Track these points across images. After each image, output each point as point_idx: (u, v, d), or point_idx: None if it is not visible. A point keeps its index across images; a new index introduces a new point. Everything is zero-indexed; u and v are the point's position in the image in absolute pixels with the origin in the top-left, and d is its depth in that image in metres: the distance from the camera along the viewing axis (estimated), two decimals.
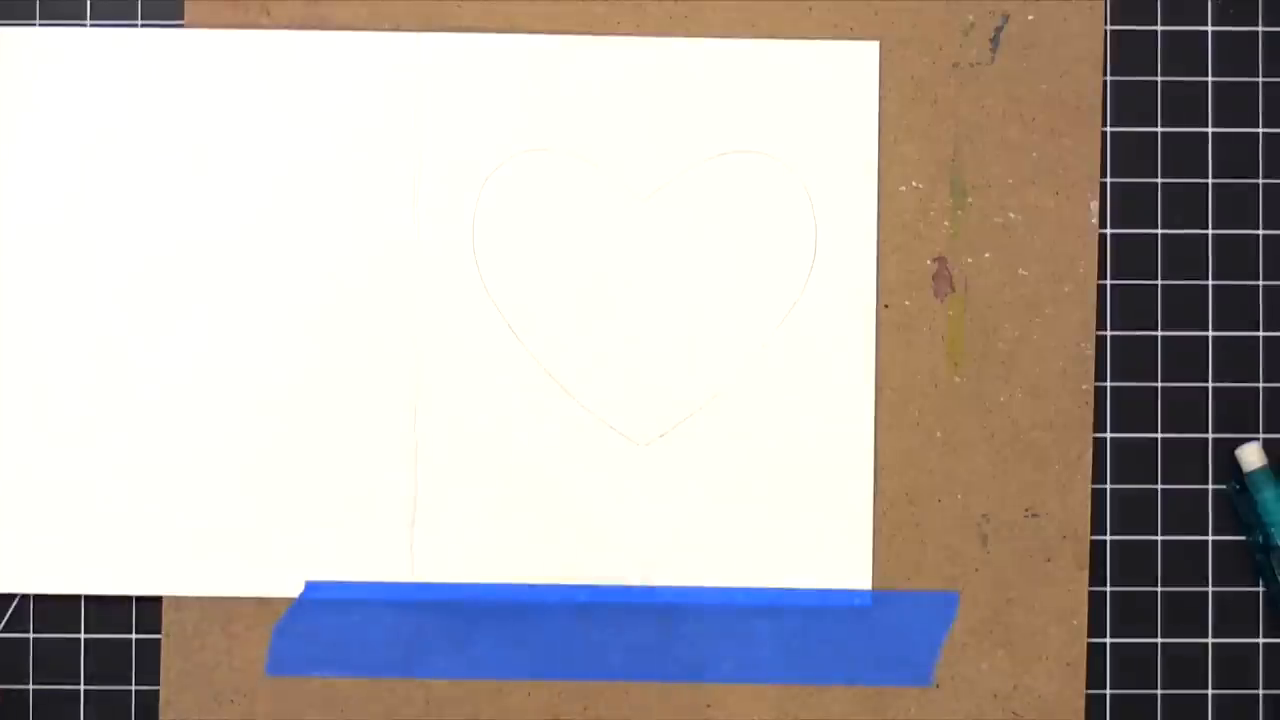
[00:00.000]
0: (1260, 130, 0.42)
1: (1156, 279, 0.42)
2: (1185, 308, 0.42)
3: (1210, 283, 0.42)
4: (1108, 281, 0.42)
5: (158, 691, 0.41)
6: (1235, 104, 0.42)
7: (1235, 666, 0.42)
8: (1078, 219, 0.41)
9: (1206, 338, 0.42)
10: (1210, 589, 0.42)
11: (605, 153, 0.41)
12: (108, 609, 0.41)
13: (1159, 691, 0.42)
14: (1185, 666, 0.42)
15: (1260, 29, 0.42)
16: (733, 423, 0.41)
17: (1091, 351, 0.41)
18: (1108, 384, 0.42)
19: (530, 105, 0.41)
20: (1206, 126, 0.42)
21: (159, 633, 0.41)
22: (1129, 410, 0.42)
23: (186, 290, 0.41)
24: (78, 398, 0.41)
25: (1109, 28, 0.42)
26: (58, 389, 0.41)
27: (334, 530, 0.41)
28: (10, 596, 0.41)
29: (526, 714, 0.41)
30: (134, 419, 0.41)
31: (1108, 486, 0.42)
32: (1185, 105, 0.42)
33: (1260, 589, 0.42)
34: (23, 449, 0.41)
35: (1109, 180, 0.42)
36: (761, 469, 0.41)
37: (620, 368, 0.41)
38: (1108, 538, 0.42)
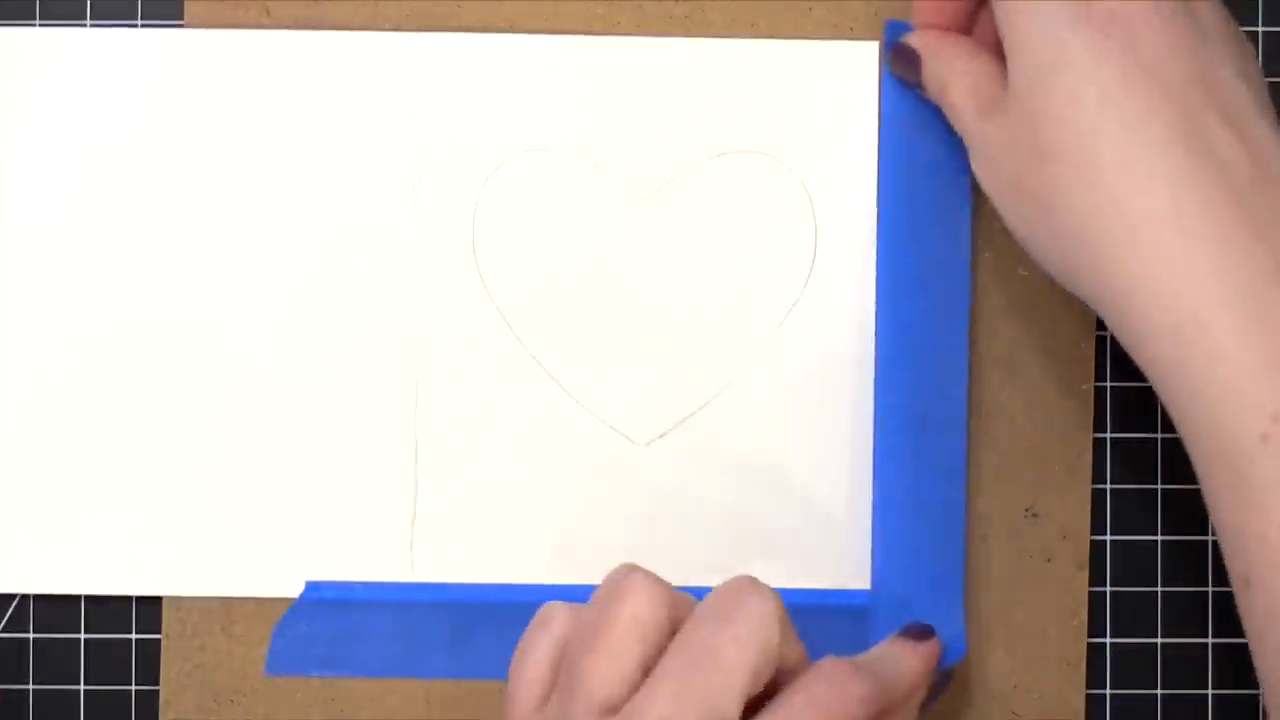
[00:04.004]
0: None
1: None
2: None
3: None
4: None
5: (158, 691, 0.41)
6: None
7: (1235, 666, 0.42)
8: None
9: None
10: (1210, 589, 0.42)
11: (605, 153, 0.41)
12: (108, 609, 0.41)
13: (1159, 691, 0.42)
14: (1185, 666, 0.42)
15: (1260, 29, 0.42)
16: (733, 423, 0.41)
17: (1091, 351, 0.41)
18: (1108, 384, 0.42)
19: (530, 105, 0.41)
20: None
21: (159, 633, 0.41)
22: (1129, 410, 0.42)
23: (185, 289, 0.41)
24: (77, 398, 0.41)
25: None
26: (57, 389, 0.41)
27: (334, 530, 0.41)
28: (10, 596, 0.41)
29: None
30: (134, 419, 0.41)
31: (1108, 486, 0.42)
32: None
33: None
34: (23, 449, 0.41)
35: None
36: (762, 469, 0.41)
37: (620, 368, 0.41)
38: (1108, 538, 0.42)
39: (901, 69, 0.39)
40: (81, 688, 0.41)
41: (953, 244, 0.40)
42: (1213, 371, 0.31)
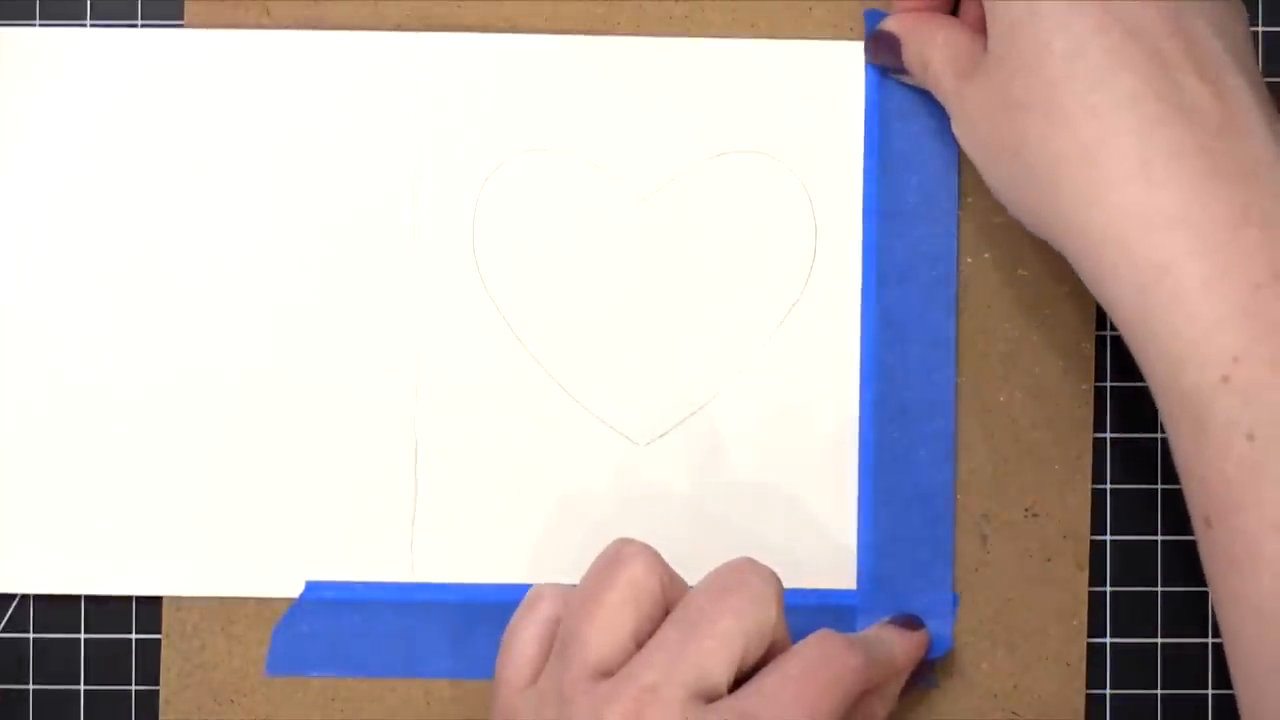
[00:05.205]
0: None
1: None
2: None
3: None
4: None
5: (158, 691, 0.41)
6: None
7: None
8: None
9: None
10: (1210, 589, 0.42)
11: (605, 153, 0.41)
12: (108, 609, 0.41)
13: (1159, 691, 0.42)
14: (1185, 666, 0.42)
15: (1260, 29, 0.42)
16: (733, 423, 0.41)
17: (1091, 351, 0.41)
18: (1108, 384, 0.42)
19: (530, 105, 0.41)
20: None
21: (159, 633, 0.41)
22: (1129, 410, 0.42)
23: (185, 289, 0.41)
24: (77, 398, 0.41)
25: None
26: (57, 389, 0.41)
27: (334, 530, 0.41)
28: (10, 596, 0.41)
29: None
30: (134, 419, 0.41)
31: (1108, 486, 0.42)
32: None
33: None
34: (22, 448, 0.41)
35: None
36: (762, 469, 0.41)
37: (620, 368, 0.41)
38: (1108, 538, 0.42)
39: (882, 55, 0.39)
40: (81, 688, 0.41)
41: (939, 232, 0.41)
42: (1176, 319, 0.31)
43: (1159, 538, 0.42)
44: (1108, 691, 0.42)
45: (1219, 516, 0.31)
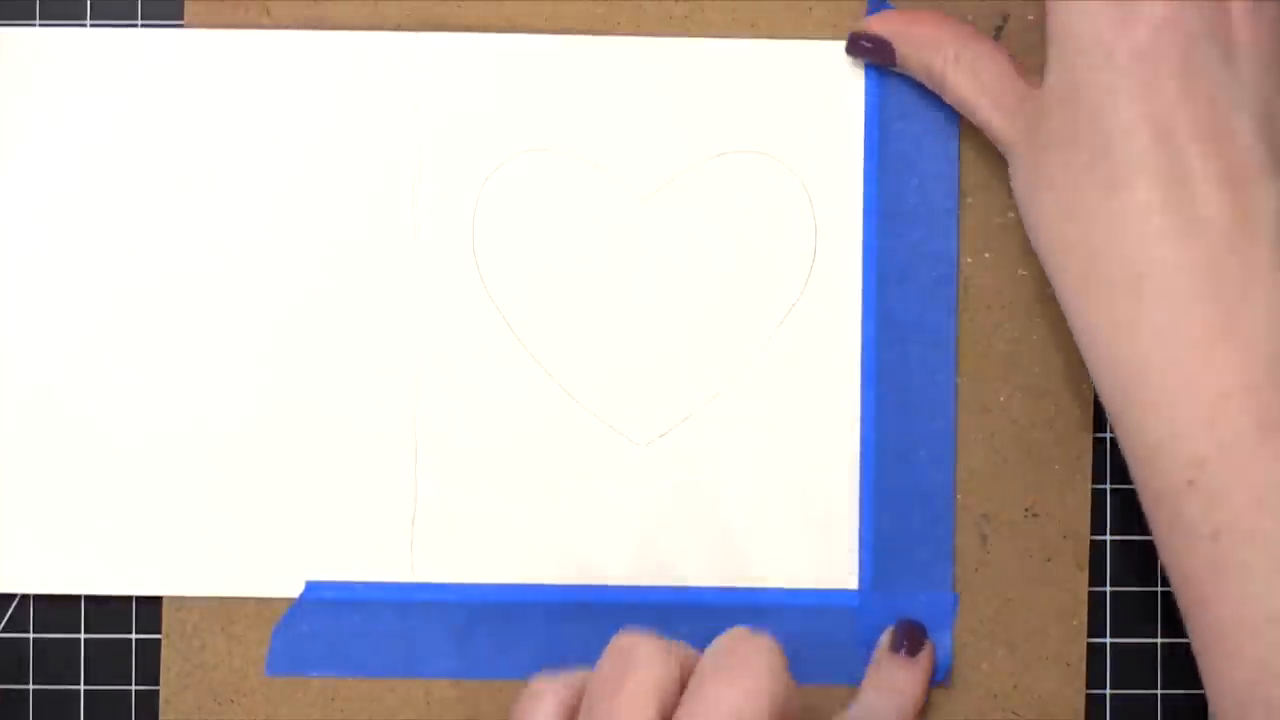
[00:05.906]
0: None
1: None
2: None
3: None
4: None
5: (158, 691, 0.41)
6: None
7: None
8: None
9: None
10: None
11: (605, 153, 0.41)
12: (108, 609, 0.41)
13: (1159, 691, 0.42)
14: (1185, 666, 0.42)
15: None
16: (733, 423, 0.41)
17: None
18: None
19: (530, 105, 0.41)
20: None
21: (159, 633, 0.41)
22: None
23: (185, 289, 0.41)
24: (77, 398, 0.41)
25: None
26: (57, 390, 0.41)
27: (334, 530, 0.41)
28: (10, 596, 0.41)
29: None
30: (134, 419, 0.41)
31: (1108, 486, 0.42)
32: None
33: None
34: (22, 449, 0.41)
35: None
36: (762, 469, 0.41)
37: (620, 368, 0.41)
38: (1108, 538, 0.42)
39: (865, 55, 0.40)
40: (81, 688, 0.41)
41: (939, 232, 0.41)
42: (1149, 423, 0.33)
43: None
44: (1108, 691, 0.42)
45: (1194, 607, 0.33)
